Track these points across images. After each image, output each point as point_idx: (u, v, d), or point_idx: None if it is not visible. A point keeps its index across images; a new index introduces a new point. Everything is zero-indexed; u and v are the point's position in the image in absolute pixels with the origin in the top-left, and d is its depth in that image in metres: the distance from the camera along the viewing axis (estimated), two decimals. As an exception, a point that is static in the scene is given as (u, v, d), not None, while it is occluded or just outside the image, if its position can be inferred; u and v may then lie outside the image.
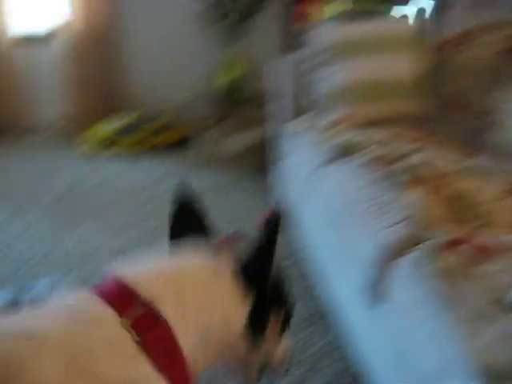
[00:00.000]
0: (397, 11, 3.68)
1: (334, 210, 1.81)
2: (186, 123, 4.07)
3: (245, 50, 4.12)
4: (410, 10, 3.59)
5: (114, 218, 2.83)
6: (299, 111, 2.59)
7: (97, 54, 4.14)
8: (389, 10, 3.77)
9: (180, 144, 3.93)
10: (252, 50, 4.13)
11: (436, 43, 2.49)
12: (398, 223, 1.51)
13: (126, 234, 2.64)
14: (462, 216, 1.52)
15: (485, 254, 1.30)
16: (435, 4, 3.35)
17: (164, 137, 3.92)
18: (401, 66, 2.34)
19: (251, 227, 2.71)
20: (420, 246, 1.40)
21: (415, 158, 1.73)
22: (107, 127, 3.91)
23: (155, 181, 3.33)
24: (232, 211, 2.88)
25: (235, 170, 3.48)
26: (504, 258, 1.29)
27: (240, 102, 4.08)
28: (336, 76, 2.37)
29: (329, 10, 3.99)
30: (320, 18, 4.04)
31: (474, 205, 1.56)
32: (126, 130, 3.85)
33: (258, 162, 3.32)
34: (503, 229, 1.47)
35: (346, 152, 2.00)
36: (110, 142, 3.83)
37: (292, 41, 3.98)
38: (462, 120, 2.24)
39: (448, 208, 1.52)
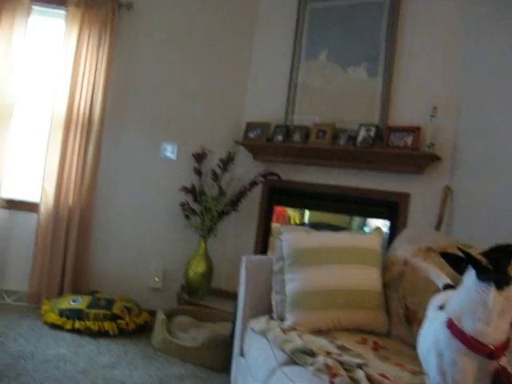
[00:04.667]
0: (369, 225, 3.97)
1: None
2: (147, 310, 4.09)
3: (219, 245, 4.31)
4: (380, 224, 3.88)
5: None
6: (266, 310, 2.64)
7: (71, 232, 4.31)
8: (362, 223, 4.06)
9: (140, 330, 3.92)
10: (227, 245, 4.32)
11: (393, 260, 2.64)
12: None
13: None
14: None
15: None
16: (390, 223, 3.64)
17: (122, 322, 3.86)
18: (356, 278, 2.48)
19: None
20: None
21: (360, 373, 1.75)
22: (63, 305, 3.90)
23: (104, 366, 3.23)
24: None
25: (195, 362, 3.42)
26: None
27: (206, 294, 4.17)
28: (295, 282, 2.49)
29: (300, 217, 4.28)
30: (296, 221, 4.32)
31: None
32: (78, 313, 3.80)
33: (221, 355, 3.28)
34: None
35: (298, 358, 2.04)
36: (64, 320, 3.78)
37: (267, 239, 4.22)
38: (413, 336, 2.29)
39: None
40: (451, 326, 1.34)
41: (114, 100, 4.41)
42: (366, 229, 4.05)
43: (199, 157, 4.29)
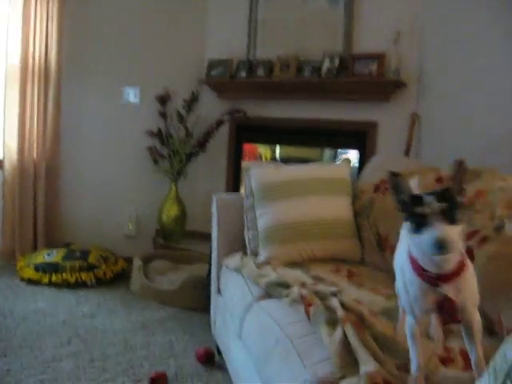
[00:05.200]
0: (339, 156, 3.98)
1: (261, 349, 1.80)
2: (123, 257, 4.07)
3: (191, 187, 4.28)
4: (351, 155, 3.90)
5: (39, 353, 2.70)
6: (240, 247, 2.64)
7: (39, 186, 4.24)
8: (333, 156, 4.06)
9: (117, 278, 3.91)
10: (198, 187, 4.29)
11: (363, 188, 2.65)
12: (320, 362, 1.51)
13: (51, 367, 2.53)
14: (384, 355, 1.52)
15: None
16: (360, 152, 3.65)
17: (99, 272, 3.85)
18: (327, 208, 2.48)
19: (190, 361, 2.62)
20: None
21: (334, 301, 1.78)
22: (38, 259, 3.87)
23: (84, 316, 3.24)
24: (171, 346, 2.87)
25: (175, 305, 3.44)
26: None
27: (181, 237, 4.17)
28: (266, 217, 2.49)
29: (272, 153, 4.27)
30: (268, 157, 4.30)
31: (393, 345, 1.57)
32: (54, 267, 3.77)
33: (199, 296, 3.30)
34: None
35: (273, 291, 2.06)
36: (41, 275, 3.75)
37: (238, 177, 4.20)
38: (386, 262, 2.32)
39: (368, 348, 1.53)
40: (409, 253, 1.35)
41: (71, 46, 4.26)
42: (338, 161, 4.05)
43: (163, 99, 4.19)
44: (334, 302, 1.79)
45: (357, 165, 3.72)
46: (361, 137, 3.76)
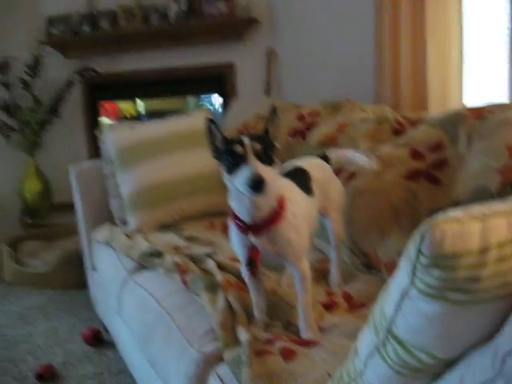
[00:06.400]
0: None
1: (142, 327, 1.70)
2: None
3: (51, 158, 3.97)
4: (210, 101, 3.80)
5: None
6: (108, 217, 2.47)
7: None
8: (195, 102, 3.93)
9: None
10: (59, 156, 3.99)
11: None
12: (206, 333, 1.44)
13: None
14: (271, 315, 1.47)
15: (290, 356, 1.25)
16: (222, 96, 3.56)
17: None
18: (192, 163, 2.36)
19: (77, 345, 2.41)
20: (230, 354, 1.32)
21: (210, 263, 1.69)
22: None
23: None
24: (55, 333, 2.70)
25: (54, 286, 3.23)
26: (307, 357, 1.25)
27: (49, 212, 3.89)
28: (129, 182, 2.33)
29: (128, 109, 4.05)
30: (131, 113, 4.09)
31: (278, 300, 1.52)
32: None
33: (77, 272, 3.10)
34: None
35: (146, 262, 1.94)
36: None
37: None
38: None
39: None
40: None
41: None
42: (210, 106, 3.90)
43: (1, 67, 3.78)
44: (211, 265, 1.71)
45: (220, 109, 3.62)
46: (220, 80, 3.64)
